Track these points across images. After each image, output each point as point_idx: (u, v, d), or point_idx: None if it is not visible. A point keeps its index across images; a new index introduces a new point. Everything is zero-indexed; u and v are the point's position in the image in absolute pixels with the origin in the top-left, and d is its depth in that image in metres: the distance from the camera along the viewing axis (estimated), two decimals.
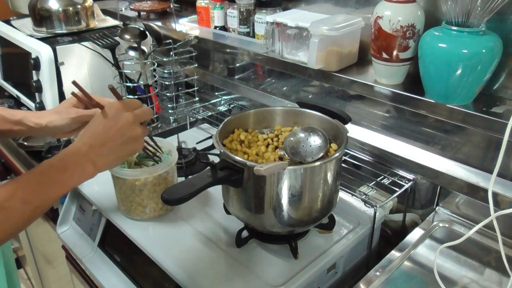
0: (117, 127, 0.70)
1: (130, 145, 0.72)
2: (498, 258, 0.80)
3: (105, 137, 0.69)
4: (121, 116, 0.70)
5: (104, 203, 1.01)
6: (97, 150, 0.69)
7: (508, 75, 0.89)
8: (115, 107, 0.71)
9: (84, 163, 0.68)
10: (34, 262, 1.68)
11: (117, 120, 0.70)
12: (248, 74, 1.40)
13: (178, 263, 0.84)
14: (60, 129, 0.84)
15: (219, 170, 0.77)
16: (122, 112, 0.71)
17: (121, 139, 0.70)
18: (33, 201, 0.64)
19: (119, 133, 0.70)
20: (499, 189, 0.86)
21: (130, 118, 0.71)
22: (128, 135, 0.71)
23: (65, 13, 1.41)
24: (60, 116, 0.84)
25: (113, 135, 0.70)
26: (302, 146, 0.83)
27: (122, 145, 0.71)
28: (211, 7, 1.39)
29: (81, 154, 0.68)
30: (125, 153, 0.73)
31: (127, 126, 0.70)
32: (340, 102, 1.15)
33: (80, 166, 0.68)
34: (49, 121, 0.83)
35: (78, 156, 0.68)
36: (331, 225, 0.92)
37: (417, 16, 0.90)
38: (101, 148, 0.69)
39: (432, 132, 0.99)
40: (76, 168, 0.68)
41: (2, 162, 1.50)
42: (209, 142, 1.25)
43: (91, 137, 0.69)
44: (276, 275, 0.81)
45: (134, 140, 0.72)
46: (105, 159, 0.70)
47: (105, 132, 0.69)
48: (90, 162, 0.68)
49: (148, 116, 0.75)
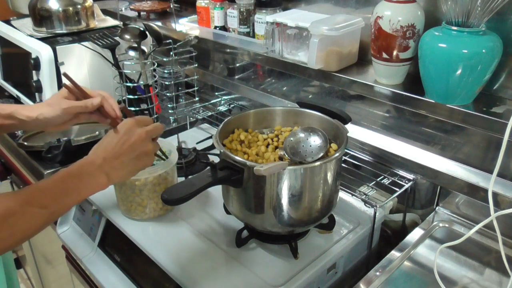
0: (130, 142, 0.73)
1: (142, 160, 0.76)
2: (498, 258, 0.80)
3: (119, 152, 0.72)
4: (134, 132, 0.74)
5: (104, 203, 1.01)
6: (110, 163, 0.72)
7: (508, 75, 0.89)
8: (128, 123, 0.75)
9: (98, 174, 0.71)
10: (34, 262, 1.67)
11: (130, 136, 0.74)
12: (248, 74, 1.40)
13: (178, 263, 0.84)
14: (52, 121, 0.85)
15: (219, 170, 0.77)
16: (135, 129, 0.75)
17: (133, 154, 0.74)
18: (51, 206, 0.66)
19: (132, 148, 0.73)
20: (499, 189, 0.86)
21: (142, 135, 0.75)
22: (140, 150, 0.74)
23: (65, 13, 1.41)
24: (51, 108, 0.84)
25: (126, 150, 0.73)
26: (302, 146, 0.83)
27: (134, 159, 0.74)
28: (211, 7, 1.39)
29: (96, 166, 0.71)
30: (137, 167, 0.76)
31: (140, 142, 0.74)
32: (340, 102, 1.15)
33: (94, 177, 0.71)
34: (40, 113, 0.84)
35: (93, 167, 0.71)
36: (331, 225, 0.92)
37: (417, 16, 0.90)
38: (114, 161, 0.72)
39: (432, 132, 0.99)
40: (90, 178, 0.70)
41: (2, 162, 1.49)
42: (209, 142, 1.25)
43: (104, 151, 0.72)
44: (276, 275, 0.81)
45: (146, 155, 0.76)
46: (118, 172, 0.73)
47: (119, 147, 0.73)
48: (104, 174, 0.71)
49: (159, 132, 0.79)
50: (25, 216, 0.63)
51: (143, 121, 0.77)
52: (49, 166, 1.17)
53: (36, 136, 1.30)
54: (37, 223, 0.65)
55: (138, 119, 0.77)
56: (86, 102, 0.86)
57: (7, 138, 1.33)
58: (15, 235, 0.63)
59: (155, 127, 0.78)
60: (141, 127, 0.75)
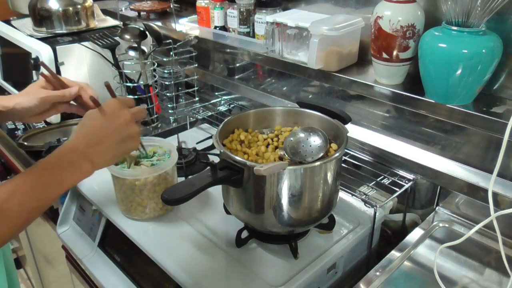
0: (115, 125, 0.70)
1: (127, 143, 0.72)
2: (498, 258, 0.80)
3: (103, 135, 0.69)
4: (118, 114, 0.71)
5: (104, 203, 1.01)
6: (94, 148, 0.68)
7: (508, 75, 0.89)
8: (112, 104, 0.72)
9: (81, 161, 0.67)
10: (34, 262, 1.68)
11: (115, 118, 0.70)
12: (248, 74, 1.40)
13: (178, 263, 0.84)
14: (29, 110, 0.83)
15: (219, 170, 0.77)
16: (120, 110, 0.71)
17: (118, 137, 0.70)
18: (31, 203, 0.63)
19: (117, 131, 0.70)
20: (499, 189, 0.86)
21: (128, 116, 0.71)
22: (125, 134, 0.71)
23: (65, 13, 1.41)
24: (28, 97, 0.83)
25: (111, 133, 0.69)
26: (302, 146, 0.83)
27: (119, 143, 0.71)
28: (211, 7, 1.39)
29: (78, 153, 0.67)
30: (122, 151, 0.73)
31: (125, 124, 0.71)
32: (340, 102, 1.15)
33: (77, 165, 0.67)
34: (16, 103, 0.82)
35: (75, 155, 0.67)
36: (331, 225, 0.92)
37: (417, 16, 0.90)
38: (98, 146, 0.68)
39: (432, 132, 0.99)
40: (73, 167, 0.67)
41: (2, 162, 1.49)
42: (209, 142, 1.25)
43: (88, 135, 0.69)
44: (276, 275, 0.81)
45: (131, 138, 0.72)
46: (102, 157, 0.70)
47: (103, 130, 0.69)
48: (87, 161, 0.68)
49: (143, 115, 0.76)
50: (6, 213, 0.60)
51: (127, 102, 0.74)
52: None
53: (36, 136, 1.30)
54: (18, 221, 0.62)
55: (122, 99, 0.74)
56: (64, 91, 0.85)
57: (7, 138, 1.33)
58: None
59: (139, 109, 0.75)
60: (125, 109, 0.72)
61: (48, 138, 1.26)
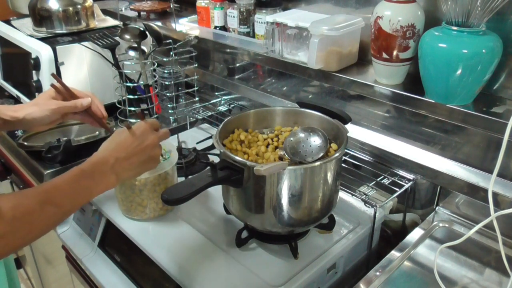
0: (143, 145, 0.76)
1: (149, 164, 0.78)
2: (498, 258, 0.80)
3: (131, 153, 0.74)
4: (147, 136, 0.77)
5: (104, 203, 1.01)
6: (122, 163, 0.73)
7: (508, 75, 0.89)
8: (143, 127, 0.77)
9: (109, 174, 0.72)
10: (34, 262, 1.67)
11: (144, 140, 0.76)
12: (248, 74, 1.40)
13: (178, 263, 0.84)
14: (39, 121, 0.86)
15: (219, 170, 0.77)
16: (149, 133, 0.77)
17: (143, 157, 0.76)
18: (65, 205, 0.67)
19: (143, 151, 0.76)
20: (499, 189, 0.86)
21: (155, 140, 0.78)
22: (150, 155, 0.77)
23: (65, 13, 1.41)
24: (39, 108, 0.85)
25: (139, 152, 0.75)
26: (302, 146, 0.83)
27: (142, 162, 0.76)
28: (211, 7, 1.39)
29: (109, 165, 0.72)
30: (143, 170, 0.78)
31: (151, 146, 0.77)
32: (340, 102, 1.15)
33: (106, 176, 0.72)
34: (27, 113, 0.84)
35: (105, 167, 0.72)
36: (331, 225, 0.92)
37: (417, 16, 0.90)
38: (125, 162, 0.74)
39: (432, 132, 0.99)
40: (102, 178, 0.71)
41: (2, 162, 1.49)
42: (209, 142, 1.25)
43: (118, 150, 0.73)
44: (276, 275, 0.81)
45: (153, 160, 0.78)
46: (126, 172, 0.75)
47: (132, 148, 0.74)
48: (114, 174, 0.72)
49: (167, 138, 0.82)
50: (43, 214, 0.64)
51: (155, 125, 0.80)
52: (49, 166, 1.17)
53: (36, 136, 1.30)
54: (52, 221, 0.67)
55: (151, 123, 0.79)
56: (76, 102, 0.87)
57: (7, 138, 1.33)
58: (32, 232, 0.64)
59: (164, 133, 0.81)
60: (153, 132, 0.78)
61: (48, 138, 1.26)
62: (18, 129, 1.26)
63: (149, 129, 0.78)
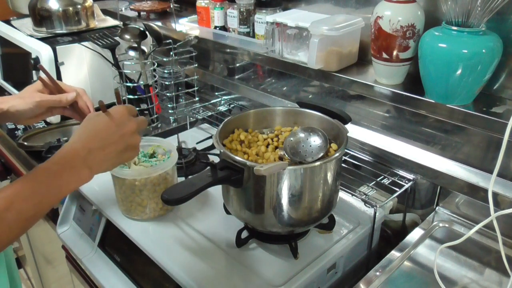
0: (121, 132, 0.69)
1: (128, 153, 0.71)
2: (498, 258, 0.80)
3: (107, 142, 0.67)
4: (125, 123, 0.70)
5: (104, 203, 1.01)
6: (96, 154, 0.66)
7: (508, 75, 0.89)
8: (120, 112, 0.70)
9: (80, 168, 0.65)
10: (34, 262, 1.68)
11: (122, 126, 0.69)
12: (248, 74, 1.40)
13: (178, 263, 0.84)
14: (23, 113, 0.82)
15: (219, 170, 0.77)
16: (128, 119, 0.70)
17: (122, 146, 0.69)
18: (29, 211, 0.61)
19: (122, 139, 0.69)
20: (499, 189, 0.86)
21: (134, 126, 0.71)
22: (129, 143, 0.70)
23: (65, 13, 1.41)
24: (23, 100, 0.81)
25: (116, 141, 0.68)
26: (302, 146, 0.83)
27: (121, 152, 0.69)
28: (211, 7, 1.39)
29: (80, 158, 0.64)
30: (122, 160, 0.71)
31: (130, 134, 0.70)
32: (340, 102, 1.15)
33: (76, 172, 0.64)
34: (11, 105, 0.81)
35: (75, 160, 0.64)
36: (331, 225, 0.92)
37: (417, 16, 0.90)
38: (101, 153, 0.66)
39: (432, 132, 0.99)
40: (72, 173, 0.64)
41: (2, 162, 1.50)
42: (209, 142, 1.25)
43: (91, 139, 0.66)
44: (276, 275, 0.81)
45: (133, 148, 0.72)
46: (101, 164, 0.68)
47: (108, 136, 0.67)
48: (87, 168, 0.65)
49: (145, 125, 0.75)
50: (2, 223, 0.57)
51: (132, 110, 0.73)
52: None
53: (36, 136, 1.30)
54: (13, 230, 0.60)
55: (129, 107, 0.73)
56: (61, 96, 0.84)
57: (7, 138, 1.33)
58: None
59: (142, 119, 0.74)
60: (131, 118, 0.71)
61: (48, 138, 1.26)
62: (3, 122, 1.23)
63: (127, 114, 0.70)
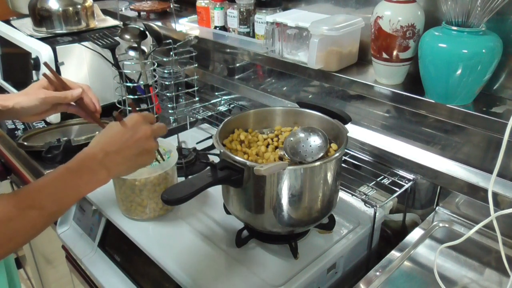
0: (135, 138, 0.71)
1: (143, 157, 0.73)
2: (498, 258, 0.80)
3: (122, 146, 0.70)
4: (139, 128, 0.72)
5: (104, 203, 1.01)
6: (112, 157, 0.69)
7: (508, 75, 0.89)
8: (135, 118, 0.73)
9: (99, 169, 0.68)
10: (34, 262, 1.67)
11: (136, 131, 0.71)
12: (248, 74, 1.40)
13: (178, 263, 0.84)
14: (28, 110, 0.83)
15: (219, 170, 0.77)
16: (141, 124, 0.73)
17: (136, 150, 0.71)
18: (50, 207, 0.64)
19: (136, 144, 0.71)
20: (499, 189, 0.86)
21: (148, 132, 0.73)
22: (144, 147, 0.72)
23: (65, 13, 1.41)
24: (28, 97, 0.82)
25: (130, 145, 0.70)
26: (302, 146, 0.83)
27: (136, 156, 0.72)
28: (211, 7, 1.39)
29: (97, 160, 0.68)
30: (138, 164, 0.73)
31: (144, 138, 0.72)
32: (340, 102, 1.15)
33: (95, 173, 0.68)
34: (16, 102, 0.82)
35: (94, 162, 0.68)
36: (331, 225, 0.92)
37: (417, 16, 0.90)
38: (116, 156, 0.69)
39: (432, 132, 0.99)
40: (91, 174, 0.67)
41: (2, 162, 1.49)
42: (209, 142, 1.25)
43: (107, 144, 0.69)
44: (276, 275, 0.81)
45: (147, 153, 0.73)
46: (118, 167, 0.70)
47: (123, 141, 0.70)
48: (105, 169, 0.68)
49: (162, 132, 0.77)
50: (25, 219, 0.61)
51: (149, 118, 0.76)
52: (49, 166, 1.17)
53: (36, 136, 1.30)
54: (36, 225, 0.63)
55: (144, 115, 0.75)
56: (66, 93, 0.84)
57: (7, 138, 1.33)
58: (15, 239, 0.61)
59: (159, 126, 0.76)
60: (146, 124, 0.74)
61: (48, 138, 1.26)
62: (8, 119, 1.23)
63: (141, 121, 0.73)
